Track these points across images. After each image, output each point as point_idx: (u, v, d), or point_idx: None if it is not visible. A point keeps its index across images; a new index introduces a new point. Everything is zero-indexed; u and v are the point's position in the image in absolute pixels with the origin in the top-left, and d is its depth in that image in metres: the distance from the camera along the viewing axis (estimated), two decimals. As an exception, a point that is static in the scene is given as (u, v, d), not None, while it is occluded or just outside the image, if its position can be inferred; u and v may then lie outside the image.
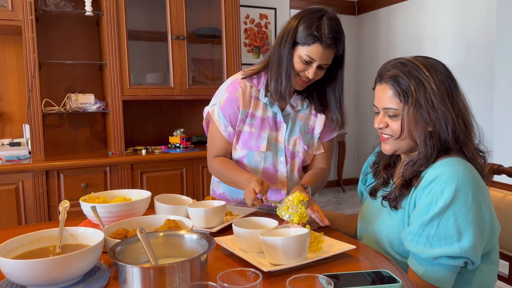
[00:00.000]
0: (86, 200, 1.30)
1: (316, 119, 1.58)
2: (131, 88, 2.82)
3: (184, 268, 0.80)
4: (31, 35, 2.49)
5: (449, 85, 1.07)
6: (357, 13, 5.64)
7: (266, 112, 1.53)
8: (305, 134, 1.56)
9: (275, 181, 1.54)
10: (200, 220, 1.26)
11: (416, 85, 1.05)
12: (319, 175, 1.55)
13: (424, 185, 1.02)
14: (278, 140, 1.54)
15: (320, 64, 1.40)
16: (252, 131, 1.52)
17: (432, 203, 1.00)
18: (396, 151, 1.13)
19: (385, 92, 1.09)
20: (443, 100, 1.04)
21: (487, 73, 3.89)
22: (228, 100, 1.52)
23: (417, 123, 1.06)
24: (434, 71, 1.06)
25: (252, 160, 1.53)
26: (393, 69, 1.09)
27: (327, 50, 1.37)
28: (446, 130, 1.04)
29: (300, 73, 1.43)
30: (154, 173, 2.78)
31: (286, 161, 1.54)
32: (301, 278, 0.73)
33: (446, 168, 1.01)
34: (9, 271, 0.86)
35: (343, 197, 5.14)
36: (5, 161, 2.51)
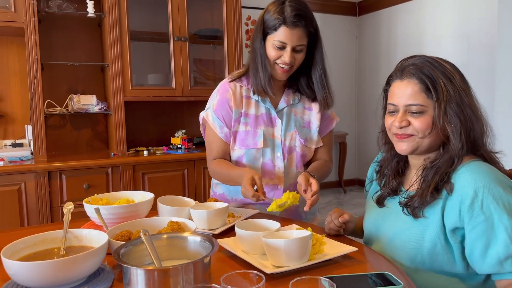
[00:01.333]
0: (89, 201, 1.31)
1: (311, 113, 1.59)
2: (133, 89, 2.83)
3: (188, 270, 0.81)
4: (33, 37, 2.51)
5: (469, 86, 1.07)
6: (358, 14, 5.65)
7: (259, 109, 1.55)
8: (301, 128, 1.57)
9: (272, 176, 1.55)
10: (203, 221, 1.27)
11: (445, 79, 1.03)
12: (323, 165, 1.59)
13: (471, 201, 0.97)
14: (274, 136, 1.55)
15: (293, 47, 1.41)
16: (247, 129, 1.54)
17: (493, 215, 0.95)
18: (414, 150, 1.08)
19: (408, 88, 1.05)
20: (470, 98, 1.04)
21: (488, 74, 3.89)
22: (220, 101, 1.55)
23: (450, 119, 1.02)
24: (457, 71, 1.07)
25: (250, 157, 1.54)
26: (418, 64, 1.06)
27: (294, 30, 1.38)
28: (472, 128, 1.03)
29: (278, 62, 1.44)
30: (155, 174, 2.79)
31: (284, 156, 1.54)
32: (303, 280, 0.74)
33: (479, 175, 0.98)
34: (15, 273, 0.86)
35: (344, 198, 5.15)
36: (8, 162, 2.52)
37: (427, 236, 1.05)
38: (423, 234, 1.05)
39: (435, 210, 1.04)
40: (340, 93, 5.66)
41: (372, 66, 5.40)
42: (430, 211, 1.05)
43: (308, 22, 1.41)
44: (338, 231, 1.24)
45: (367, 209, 1.31)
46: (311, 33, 1.44)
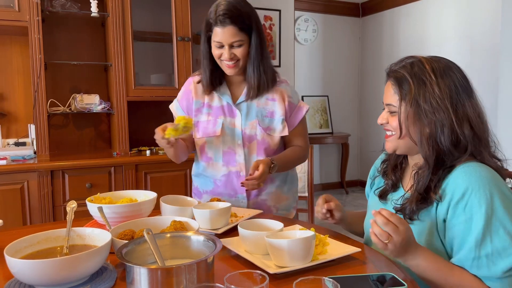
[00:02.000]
0: (92, 200, 1.31)
1: (274, 103, 1.63)
2: (136, 89, 2.83)
3: (191, 269, 0.81)
4: (37, 36, 2.51)
5: (456, 89, 1.05)
6: (361, 15, 5.64)
7: (220, 101, 1.63)
8: (263, 118, 1.62)
9: (234, 163, 1.61)
10: (206, 221, 1.27)
11: (417, 84, 1.05)
12: (293, 151, 1.66)
13: (457, 200, 0.99)
14: (235, 125, 1.61)
15: (229, 44, 1.49)
16: (209, 119, 1.63)
17: (473, 218, 0.97)
18: (395, 149, 1.14)
19: (388, 89, 1.12)
20: (442, 102, 1.03)
21: (491, 77, 3.88)
22: (182, 93, 1.70)
23: (415, 122, 1.07)
24: (442, 74, 1.06)
25: (212, 145, 1.63)
26: (400, 68, 1.10)
27: (225, 28, 1.47)
28: (442, 133, 1.03)
29: (221, 59, 1.53)
30: (158, 174, 2.79)
31: (244, 144, 1.60)
32: (307, 280, 0.74)
33: (472, 176, 0.99)
34: (18, 271, 0.87)
35: (346, 199, 5.14)
36: (11, 160, 2.52)
37: (423, 237, 1.06)
38: (419, 236, 1.06)
39: (430, 214, 1.06)
40: (342, 94, 5.67)
41: (375, 67, 5.40)
42: (425, 215, 1.07)
43: (237, 19, 1.47)
44: (325, 218, 1.30)
45: (368, 208, 1.32)
46: (245, 28, 1.50)
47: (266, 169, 1.45)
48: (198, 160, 1.71)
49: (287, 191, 1.71)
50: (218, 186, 1.64)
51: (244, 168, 1.60)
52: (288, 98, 1.64)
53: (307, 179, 2.71)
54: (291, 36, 4.44)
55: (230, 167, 1.62)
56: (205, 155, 1.65)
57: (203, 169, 1.67)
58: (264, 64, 1.56)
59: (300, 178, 2.69)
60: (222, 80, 1.63)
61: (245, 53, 1.52)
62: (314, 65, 5.41)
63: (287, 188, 1.70)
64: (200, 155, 1.68)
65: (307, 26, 5.29)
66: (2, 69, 2.83)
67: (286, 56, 4.41)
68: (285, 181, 1.69)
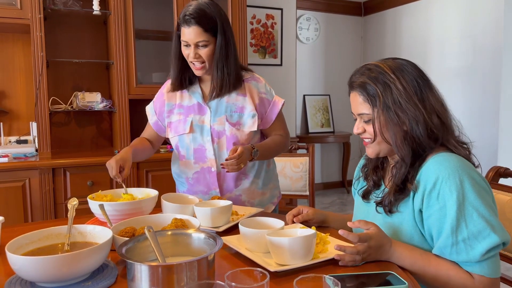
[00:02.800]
0: (93, 198, 1.31)
1: (244, 98, 1.65)
2: (137, 87, 2.84)
3: (192, 266, 0.81)
4: (39, 34, 2.51)
5: (417, 84, 1.09)
6: (363, 14, 5.63)
7: (191, 100, 1.67)
8: (232, 113, 1.64)
9: (204, 160, 1.65)
10: (207, 219, 1.27)
11: (383, 88, 1.08)
12: (270, 139, 1.70)
13: (429, 190, 1.02)
14: (204, 122, 1.64)
15: (195, 44, 1.52)
16: (180, 118, 1.67)
17: (447, 205, 1.00)
18: (378, 153, 1.15)
19: (356, 99, 1.13)
20: (411, 99, 1.06)
21: (494, 76, 3.87)
22: (158, 95, 1.77)
23: (388, 124, 1.09)
24: (401, 72, 1.09)
25: (183, 143, 1.67)
26: (360, 76, 1.12)
27: (190, 28, 1.51)
28: (418, 129, 1.06)
29: (189, 59, 1.57)
30: (159, 172, 2.79)
31: (213, 140, 1.63)
32: (308, 278, 0.74)
33: (442, 165, 1.02)
34: (19, 267, 0.87)
35: (347, 198, 5.14)
36: (12, 158, 2.53)
37: (403, 229, 1.09)
38: (400, 228, 1.10)
39: (408, 204, 1.09)
40: (344, 93, 5.64)
41: (377, 66, 5.38)
42: (403, 206, 1.10)
43: (202, 20, 1.50)
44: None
45: (354, 209, 1.35)
46: (211, 29, 1.53)
47: (245, 151, 1.48)
48: (174, 158, 1.77)
49: (262, 186, 1.72)
50: (192, 185, 1.68)
51: (215, 163, 1.63)
52: (261, 94, 1.67)
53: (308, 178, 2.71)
54: (293, 35, 4.44)
55: (201, 163, 1.65)
56: (178, 153, 1.70)
57: (178, 167, 1.72)
58: (228, 65, 1.58)
59: (301, 177, 2.69)
60: (193, 80, 1.66)
61: (210, 54, 1.55)
62: (316, 64, 5.40)
63: (262, 184, 1.72)
64: (174, 154, 1.75)
65: (309, 25, 5.29)
66: (4, 67, 2.83)
67: (287, 55, 4.41)
68: (259, 177, 1.71)
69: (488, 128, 3.94)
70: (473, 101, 4.11)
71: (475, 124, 4.07)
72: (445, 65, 4.39)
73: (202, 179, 1.66)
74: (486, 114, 4.02)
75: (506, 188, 1.38)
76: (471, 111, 4.13)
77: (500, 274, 1.01)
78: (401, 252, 1.03)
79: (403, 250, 1.04)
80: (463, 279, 0.99)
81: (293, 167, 2.71)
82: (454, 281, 1.00)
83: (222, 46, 1.55)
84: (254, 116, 1.64)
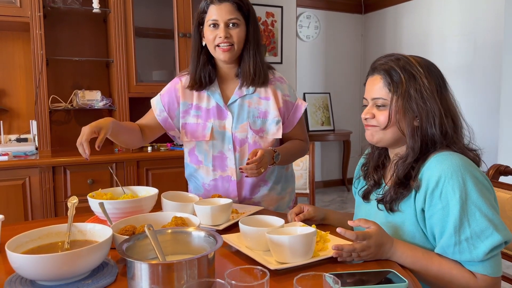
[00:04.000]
0: (93, 196, 1.31)
1: (268, 102, 1.56)
2: (137, 85, 2.83)
3: (192, 265, 0.81)
4: (39, 32, 2.51)
5: (439, 82, 1.10)
6: (363, 12, 5.62)
7: (210, 102, 1.56)
8: (255, 119, 1.55)
9: (224, 168, 1.56)
10: (207, 217, 1.27)
11: (408, 77, 1.08)
12: (290, 143, 1.62)
13: (432, 189, 1.02)
14: (225, 128, 1.55)
15: (225, 22, 1.43)
16: (198, 122, 1.56)
17: (449, 204, 0.99)
18: (379, 141, 1.14)
19: (375, 83, 1.12)
20: (432, 94, 1.07)
21: (494, 74, 3.86)
22: (167, 90, 1.60)
23: (406, 114, 1.08)
24: (427, 68, 1.11)
25: (201, 149, 1.57)
26: (387, 62, 1.12)
27: (221, 4, 1.42)
28: (433, 124, 1.06)
29: (216, 42, 1.46)
30: (159, 170, 2.79)
31: (234, 148, 1.54)
32: (308, 276, 0.74)
33: (444, 164, 1.02)
34: (19, 266, 0.87)
35: (347, 196, 5.14)
36: (12, 156, 2.53)
37: (405, 227, 1.09)
38: (402, 227, 1.09)
39: (409, 203, 1.08)
40: (344, 92, 5.65)
41: (377, 64, 5.38)
42: (405, 205, 1.09)
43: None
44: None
45: (355, 208, 1.34)
46: (242, 7, 1.45)
47: (265, 155, 1.41)
48: (187, 161, 1.65)
49: (281, 191, 1.66)
50: (208, 191, 1.60)
51: (235, 173, 1.55)
52: (284, 97, 1.58)
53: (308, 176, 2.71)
54: (293, 32, 4.43)
55: (220, 172, 1.56)
56: (195, 158, 1.59)
57: (194, 170, 1.62)
58: (260, 53, 1.50)
59: (301, 175, 2.69)
60: (213, 78, 1.55)
61: (241, 35, 1.45)
62: (316, 62, 5.40)
63: (281, 188, 1.65)
64: (189, 157, 1.62)
65: (309, 23, 5.28)
66: (4, 65, 2.83)
67: (288, 53, 4.40)
68: (279, 182, 1.64)
69: (488, 126, 3.93)
70: (473, 99, 4.11)
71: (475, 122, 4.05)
72: (446, 63, 4.37)
73: (220, 187, 1.58)
74: (486, 112, 4.02)
75: (506, 186, 1.37)
76: (471, 109, 4.12)
77: (501, 273, 1.02)
78: (403, 251, 1.03)
79: (404, 249, 1.03)
80: (466, 279, 0.99)
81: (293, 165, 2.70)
82: (457, 280, 0.99)
83: (255, 31, 1.47)
84: (279, 122, 1.55)
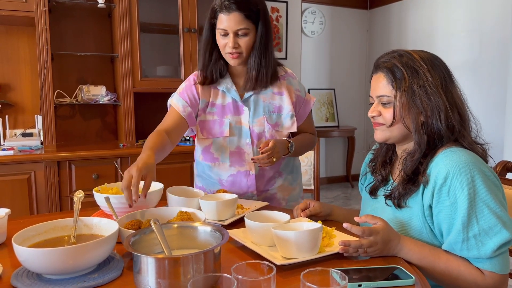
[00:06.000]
0: (99, 191, 1.31)
1: (282, 97, 1.57)
2: (142, 81, 2.83)
3: (198, 259, 0.81)
4: (44, 27, 2.51)
5: (444, 76, 1.09)
6: (369, 7, 5.59)
7: (225, 99, 1.56)
8: (270, 113, 1.56)
9: (242, 163, 1.56)
10: (212, 212, 1.27)
11: (411, 73, 1.08)
12: (301, 135, 1.63)
13: (440, 185, 1.01)
14: (242, 123, 1.55)
15: (234, 32, 1.42)
16: (214, 119, 1.55)
17: (458, 201, 0.99)
18: (387, 139, 1.15)
19: (379, 81, 1.12)
20: (436, 89, 1.06)
21: (501, 70, 3.83)
22: (187, 86, 1.57)
23: (410, 110, 1.08)
24: (431, 62, 1.10)
25: (218, 146, 1.56)
26: (390, 59, 1.12)
27: (230, 14, 1.40)
28: (439, 118, 1.06)
29: (226, 50, 1.46)
30: (164, 166, 2.77)
31: (252, 142, 1.55)
32: (314, 272, 0.73)
33: (452, 160, 1.01)
34: (25, 259, 0.87)
35: (351, 193, 5.13)
36: (18, 151, 2.54)
37: (412, 224, 1.09)
38: (409, 223, 1.09)
39: (417, 200, 1.08)
40: (349, 88, 5.63)
41: (382, 60, 5.35)
42: (413, 201, 1.09)
43: (243, 5, 1.40)
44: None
45: (362, 205, 1.34)
46: (252, 16, 1.43)
47: (278, 145, 1.42)
48: (200, 159, 1.63)
49: (293, 181, 1.68)
50: (225, 186, 1.59)
51: (253, 167, 1.55)
52: (296, 92, 1.60)
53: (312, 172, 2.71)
54: (298, 28, 4.41)
55: (238, 167, 1.56)
56: (211, 155, 1.58)
57: (208, 168, 1.61)
58: (267, 57, 1.48)
59: (306, 171, 2.69)
60: (223, 72, 1.54)
61: (250, 43, 1.45)
62: (320, 57, 5.38)
63: (293, 179, 1.68)
64: (203, 155, 1.60)
65: (314, 18, 5.26)
66: (10, 60, 2.83)
67: (292, 48, 4.39)
68: (291, 172, 1.67)
69: (494, 123, 3.91)
70: (479, 95, 4.08)
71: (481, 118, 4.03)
72: (451, 59, 4.34)
73: (238, 182, 1.57)
74: (492, 108, 3.99)
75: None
76: (478, 105, 4.09)
77: (509, 270, 1.01)
78: (410, 248, 1.02)
79: (411, 245, 1.03)
80: (473, 275, 0.98)
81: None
82: (464, 277, 0.99)
83: (263, 35, 1.45)
84: (293, 116, 1.57)
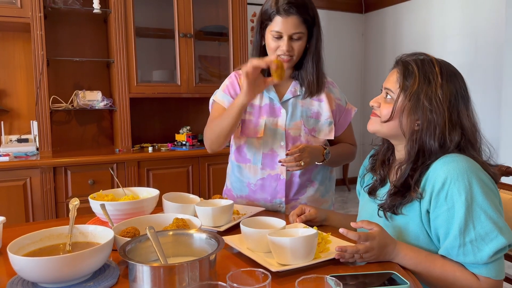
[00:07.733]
0: (95, 197, 1.31)
1: (320, 104, 1.56)
2: (138, 86, 2.83)
3: (193, 267, 0.81)
4: (39, 32, 2.51)
5: (456, 94, 1.08)
6: (364, 11, 5.61)
7: (263, 100, 1.55)
8: (308, 118, 1.54)
9: (274, 166, 1.53)
10: (208, 219, 1.27)
11: (422, 80, 1.07)
12: (341, 145, 1.62)
13: (437, 190, 1.01)
14: (278, 126, 1.53)
15: (289, 35, 1.42)
16: (250, 118, 1.54)
17: (455, 206, 0.99)
18: (376, 132, 1.16)
19: (393, 75, 1.13)
20: (441, 105, 1.05)
21: (495, 73, 3.85)
22: (230, 84, 1.58)
23: (409, 115, 1.08)
24: (448, 77, 1.08)
25: (251, 146, 1.54)
26: (411, 59, 1.11)
27: (288, 18, 1.40)
28: (433, 134, 1.05)
29: (277, 52, 1.45)
30: (160, 171, 2.79)
31: (287, 145, 1.52)
32: (310, 279, 0.74)
33: (450, 166, 1.01)
34: (21, 268, 0.87)
35: (348, 196, 5.14)
36: (13, 157, 2.53)
37: (409, 229, 1.09)
38: (406, 229, 1.09)
39: (414, 206, 1.07)
40: (345, 91, 5.61)
41: (378, 63, 5.37)
42: (409, 208, 1.09)
43: (302, 9, 1.41)
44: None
45: (359, 208, 1.34)
46: (308, 20, 1.44)
47: (309, 149, 1.40)
48: (232, 159, 1.63)
49: (325, 193, 1.64)
50: (253, 191, 1.57)
51: (285, 171, 1.52)
52: (336, 100, 1.59)
53: (309, 176, 2.71)
54: (293, 32, 4.42)
55: (269, 170, 1.53)
56: (243, 156, 1.57)
57: (238, 170, 1.59)
58: (320, 62, 1.50)
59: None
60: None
61: (302, 48, 1.45)
62: (316, 61, 5.38)
63: (325, 191, 1.63)
64: (236, 155, 1.59)
65: (309, 23, 5.27)
66: (5, 66, 2.83)
67: (288, 52, 4.39)
68: (323, 183, 1.62)
69: (489, 126, 3.93)
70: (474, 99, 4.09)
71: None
72: (446, 62, 4.36)
73: (267, 186, 1.54)
74: (487, 111, 4.01)
75: (508, 187, 1.37)
76: (472, 108, 4.11)
77: (504, 276, 1.01)
78: (406, 253, 1.03)
79: (407, 251, 1.03)
80: (468, 281, 0.99)
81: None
82: (459, 283, 0.99)
83: (318, 39, 1.46)
84: (331, 124, 1.55)
